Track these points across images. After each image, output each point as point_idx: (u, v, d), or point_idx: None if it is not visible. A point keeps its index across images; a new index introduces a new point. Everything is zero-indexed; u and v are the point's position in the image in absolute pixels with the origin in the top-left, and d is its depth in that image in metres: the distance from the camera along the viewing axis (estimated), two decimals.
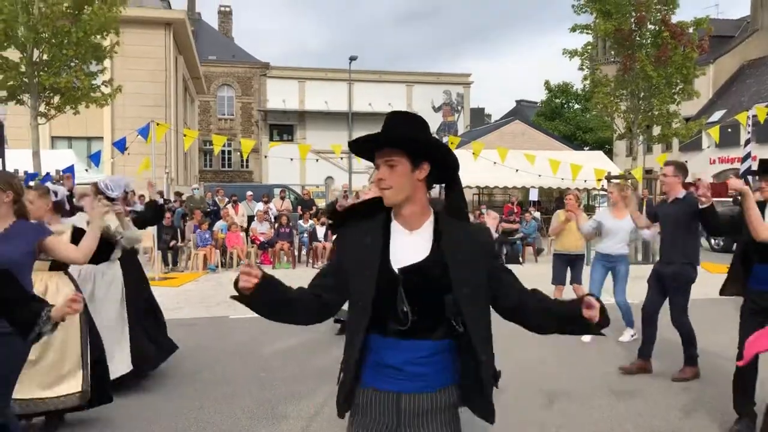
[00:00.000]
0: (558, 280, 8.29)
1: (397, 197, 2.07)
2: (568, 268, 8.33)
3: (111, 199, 5.16)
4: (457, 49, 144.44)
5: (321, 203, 22.26)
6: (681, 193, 5.85)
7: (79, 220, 4.89)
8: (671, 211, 5.88)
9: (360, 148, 2.14)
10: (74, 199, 6.86)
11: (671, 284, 5.91)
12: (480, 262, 2.11)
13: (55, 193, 4.57)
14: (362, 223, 2.16)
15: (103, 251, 4.12)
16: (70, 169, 13.00)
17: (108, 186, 5.29)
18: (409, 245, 2.09)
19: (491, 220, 5.53)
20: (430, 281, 2.04)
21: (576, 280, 8.33)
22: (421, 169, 2.05)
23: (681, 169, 5.96)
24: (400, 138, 2.04)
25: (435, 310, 2.05)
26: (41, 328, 2.93)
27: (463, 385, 2.14)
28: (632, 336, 7.34)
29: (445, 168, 2.12)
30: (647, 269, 6.59)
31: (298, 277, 13.24)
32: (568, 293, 7.59)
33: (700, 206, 4.98)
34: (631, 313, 7.39)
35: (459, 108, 50.42)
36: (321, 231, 15.49)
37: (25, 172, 12.91)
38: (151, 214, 6.68)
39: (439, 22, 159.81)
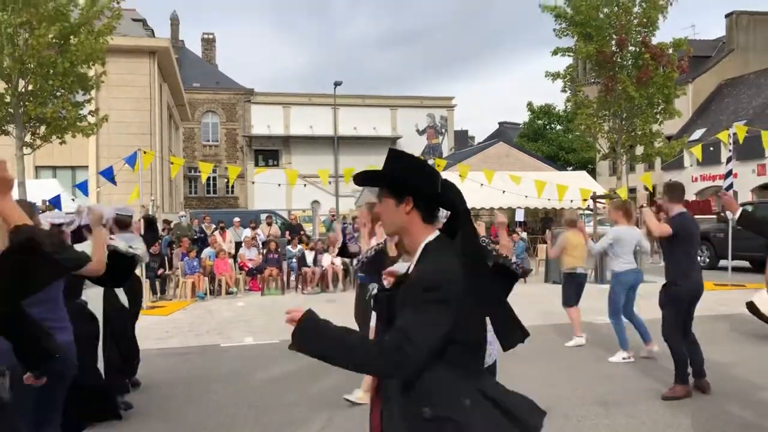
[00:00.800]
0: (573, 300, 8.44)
1: (388, 229, 2.24)
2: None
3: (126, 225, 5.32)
4: (440, 73, 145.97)
5: (308, 228, 22.23)
6: (676, 211, 6.02)
7: (88, 246, 4.91)
8: None
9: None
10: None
11: (661, 301, 6.09)
12: (404, 296, 2.03)
13: (62, 224, 4.54)
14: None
15: (124, 268, 4.21)
16: (56, 199, 12.92)
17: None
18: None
19: (500, 219, 5.58)
20: (388, 309, 2.12)
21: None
22: (405, 202, 2.13)
23: (674, 190, 6.17)
24: (362, 179, 2.20)
25: None
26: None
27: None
28: (624, 359, 7.35)
29: (431, 198, 2.15)
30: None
31: (287, 303, 13.25)
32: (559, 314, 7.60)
33: (734, 216, 5.01)
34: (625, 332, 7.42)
35: (443, 131, 50.77)
36: (310, 256, 15.46)
37: None
38: (150, 235, 6.74)
39: (422, 46, 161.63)
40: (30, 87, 14.03)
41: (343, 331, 2.01)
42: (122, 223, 5.91)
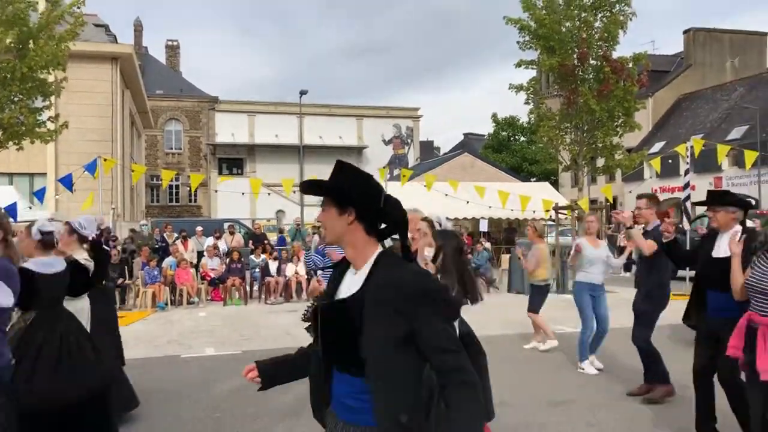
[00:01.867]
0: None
1: (329, 236, 2.28)
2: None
3: (85, 238, 5.09)
4: (406, 83, 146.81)
5: (273, 237, 22.06)
6: (652, 224, 6.12)
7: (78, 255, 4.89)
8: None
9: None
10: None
11: (636, 311, 6.24)
12: (398, 307, 2.06)
13: (44, 233, 4.44)
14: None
15: (83, 281, 4.29)
16: (13, 207, 12.59)
17: (81, 225, 5.17)
18: (349, 284, 2.23)
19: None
20: (342, 318, 2.14)
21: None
22: (348, 213, 2.19)
23: (653, 200, 6.29)
24: (307, 187, 2.29)
25: (351, 349, 2.10)
26: None
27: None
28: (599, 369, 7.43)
29: (373, 212, 2.21)
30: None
31: (250, 312, 13.12)
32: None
33: (663, 240, 5.20)
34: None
35: (409, 141, 51.03)
36: (273, 266, 15.33)
37: None
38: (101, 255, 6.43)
39: (388, 56, 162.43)
40: None
41: (453, 415, 2.04)
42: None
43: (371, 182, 2.23)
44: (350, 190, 2.20)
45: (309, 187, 2.30)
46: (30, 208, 15.43)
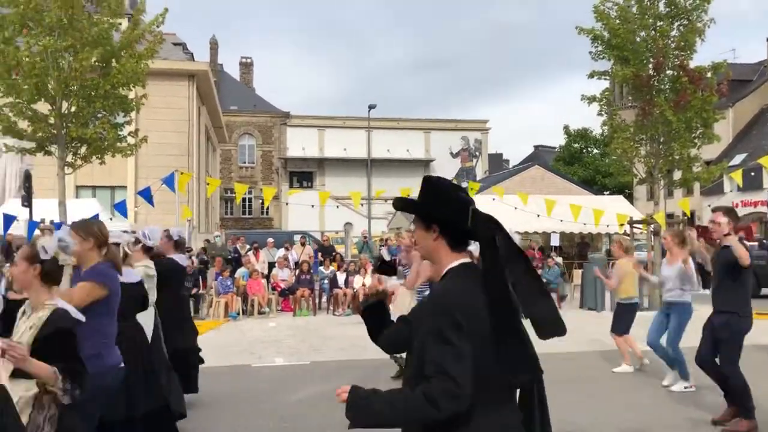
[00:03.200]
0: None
1: (420, 252, 2.37)
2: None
3: (149, 249, 5.31)
4: (474, 96, 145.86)
5: (341, 249, 22.26)
6: (736, 237, 5.76)
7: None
8: (720, 257, 5.78)
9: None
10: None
11: (720, 334, 5.80)
12: (425, 321, 2.10)
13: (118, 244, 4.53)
14: None
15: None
16: (96, 218, 13.13)
17: (146, 236, 5.35)
18: None
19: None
20: (410, 332, 2.27)
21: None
22: (432, 230, 2.23)
23: (731, 214, 5.88)
24: (397, 203, 2.44)
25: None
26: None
27: None
28: (685, 387, 7.07)
29: (457, 228, 2.21)
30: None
31: (318, 323, 13.25)
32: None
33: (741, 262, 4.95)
34: (684, 364, 7.09)
35: (477, 153, 50.69)
36: (341, 277, 15.46)
37: (51, 221, 13.08)
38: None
39: (456, 69, 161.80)
40: (73, 108, 14.38)
41: (389, 395, 2.09)
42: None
43: (455, 198, 2.23)
44: (434, 208, 2.24)
45: (398, 203, 2.44)
46: (111, 219, 16.09)
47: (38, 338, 2.91)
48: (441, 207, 2.22)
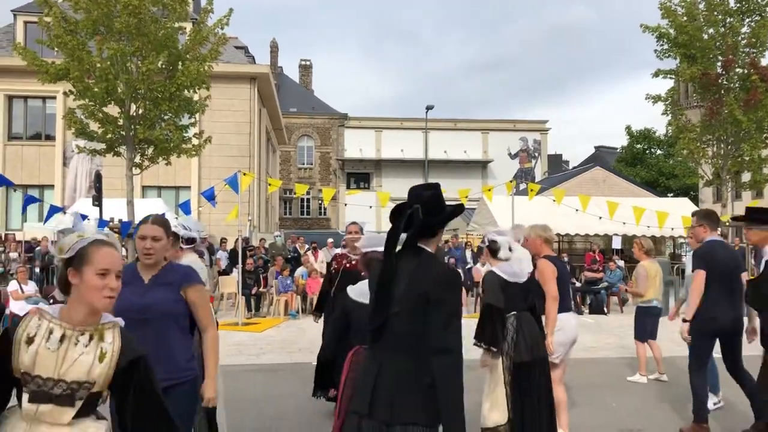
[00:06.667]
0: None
1: None
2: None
3: (191, 240, 4.82)
4: (533, 97, 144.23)
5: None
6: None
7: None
8: None
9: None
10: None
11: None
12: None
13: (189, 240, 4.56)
14: None
15: None
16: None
17: (186, 227, 4.81)
18: None
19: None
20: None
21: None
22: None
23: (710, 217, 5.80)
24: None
25: None
26: None
27: None
28: (714, 404, 6.49)
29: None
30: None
31: None
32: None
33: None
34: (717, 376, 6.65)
35: (536, 154, 49.99)
36: None
37: (120, 220, 13.56)
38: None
39: (514, 69, 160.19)
40: (140, 111, 14.87)
41: (441, 394, 2.55)
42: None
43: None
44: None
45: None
46: (176, 218, 16.53)
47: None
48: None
